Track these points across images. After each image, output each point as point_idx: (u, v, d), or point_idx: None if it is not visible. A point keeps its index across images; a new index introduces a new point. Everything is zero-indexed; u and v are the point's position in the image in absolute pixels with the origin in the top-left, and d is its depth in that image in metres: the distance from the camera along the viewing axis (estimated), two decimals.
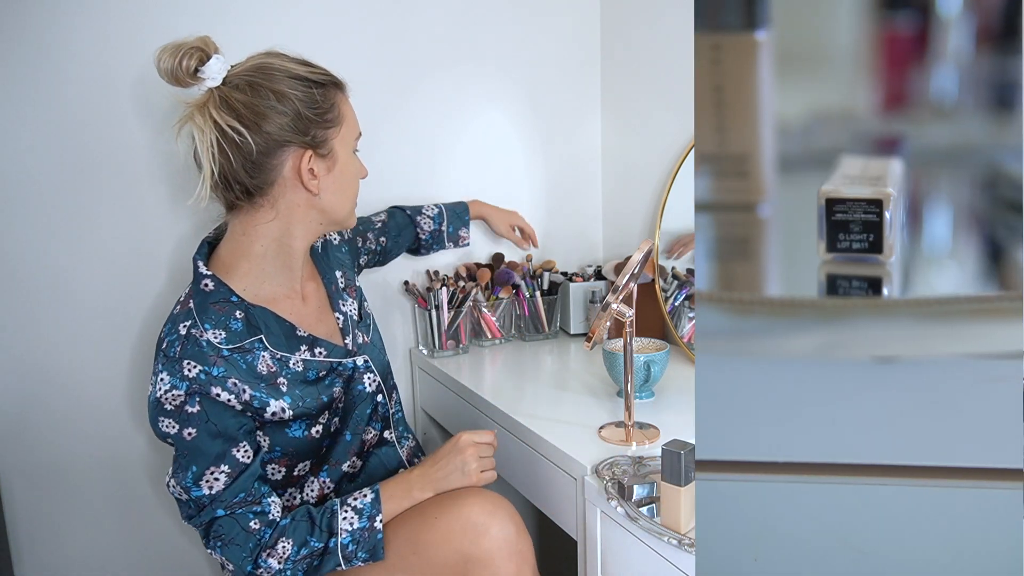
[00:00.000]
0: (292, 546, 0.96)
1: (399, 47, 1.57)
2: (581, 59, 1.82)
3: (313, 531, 0.97)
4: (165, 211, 1.37)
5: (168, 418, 0.94)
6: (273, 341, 1.01)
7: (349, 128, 1.02)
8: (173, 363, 0.94)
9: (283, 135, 0.96)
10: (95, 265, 1.34)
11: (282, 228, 1.02)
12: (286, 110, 0.96)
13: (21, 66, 1.24)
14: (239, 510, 0.96)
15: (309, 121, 0.97)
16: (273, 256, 1.04)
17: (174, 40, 0.95)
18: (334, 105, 1.00)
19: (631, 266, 1.03)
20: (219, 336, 0.97)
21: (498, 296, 1.65)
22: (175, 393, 0.93)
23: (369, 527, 0.98)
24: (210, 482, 0.95)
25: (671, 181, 1.55)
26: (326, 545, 0.97)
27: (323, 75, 1.01)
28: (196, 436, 0.94)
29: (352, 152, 1.04)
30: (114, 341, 1.37)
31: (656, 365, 1.25)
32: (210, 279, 1.00)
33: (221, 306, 0.99)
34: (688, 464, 0.84)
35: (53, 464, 1.35)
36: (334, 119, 1.00)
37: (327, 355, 1.07)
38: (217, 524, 0.96)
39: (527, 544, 1.00)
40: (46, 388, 1.32)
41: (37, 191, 1.27)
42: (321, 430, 1.07)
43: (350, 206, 1.06)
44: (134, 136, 1.32)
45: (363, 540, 0.98)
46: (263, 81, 0.96)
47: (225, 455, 0.95)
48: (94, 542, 1.40)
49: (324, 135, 0.99)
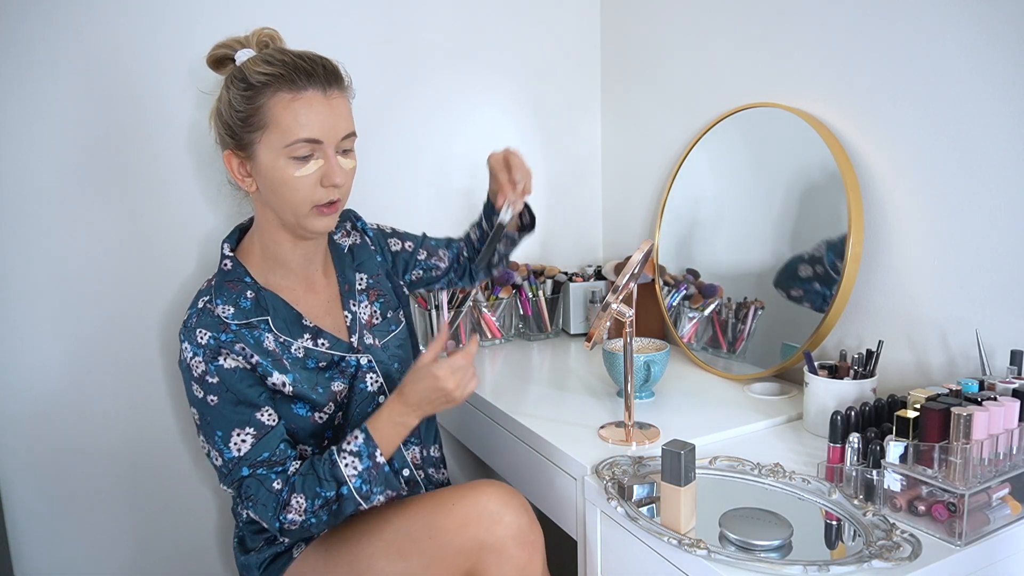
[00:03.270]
0: (306, 500, 0.99)
1: (399, 47, 1.57)
2: (581, 59, 1.82)
3: (320, 483, 1.00)
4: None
5: (196, 383, 1.01)
6: (278, 325, 1.06)
7: (278, 132, 0.97)
8: (190, 332, 1.01)
9: (221, 132, 1.03)
10: (95, 267, 1.34)
11: (262, 221, 1.08)
12: (221, 110, 1.02)
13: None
14: (261, 470, 1.00)
15: (232, 123, 1.00)
16: (270, 248, 1.09)
17: (233, 35, 1.05)
18: (260, 108, 0.97)
19: (631, 266, 1.03)
20: (228, 312, 1.04)
21: (498, 296, 1.65)
22: (197, 360, 1.00)
23: (373, 464, 1.00)
24: (238, 444, 1.00)
25: (671, 181, 1.55)
26: (338, 493, 0.99)
27: (269, 75, 0.97)
28: (218, 403, 1.00)
29: (280, 156, 0.98)
30: (114, 342, 1.37)
31: (656, 365, 1.24)
32: (230, 260, 1.09)
33: (235, 284, 1.06)
34: (688, 464, 0.84)
35: (53, 464, 1.35)
36: (257, 123, 0.97)
37: (329, 347, 1.10)
38: (245, 485, 1.00)
39: (538, 534, 1.02)
40: (46, 388, 1.32)
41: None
42: (324, 418, 1.09)
43: (291, 208, 1.01)
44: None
45: (374, 478, 1.00)
46: (227, 81, 1.02)
47: (250, 420, 1.01)
48: (94, 542, 1.40)
49: (248, 138, 0.99)
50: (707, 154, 1.48)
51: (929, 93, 1.09)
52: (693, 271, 1.50)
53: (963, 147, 1.06)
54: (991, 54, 1.01)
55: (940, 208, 1.10)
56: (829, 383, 1.10)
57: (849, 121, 1.22)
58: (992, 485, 0.83)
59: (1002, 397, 0.90)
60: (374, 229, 1.27)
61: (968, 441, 0.83)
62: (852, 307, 1.23)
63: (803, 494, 0.94)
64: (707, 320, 1.46)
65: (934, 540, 0.82)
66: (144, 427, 1.41)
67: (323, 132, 0.98)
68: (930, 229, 1.12)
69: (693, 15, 1.53)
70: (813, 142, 1.23)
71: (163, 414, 1.43)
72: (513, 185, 1.15)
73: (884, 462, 0.88)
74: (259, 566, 1.14)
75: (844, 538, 0.85)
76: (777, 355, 1.31)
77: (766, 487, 0.96)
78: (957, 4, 1.04)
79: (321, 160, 0.99)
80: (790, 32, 1.30)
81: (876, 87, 1.16)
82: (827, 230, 1.23)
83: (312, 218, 1.02)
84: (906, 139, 1.13)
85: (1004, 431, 0.85)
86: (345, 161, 1.03)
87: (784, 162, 1.32)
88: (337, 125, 0.99)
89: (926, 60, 1.09)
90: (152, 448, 1.42)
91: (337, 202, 1.03)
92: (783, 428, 1.17)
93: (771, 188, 1.35)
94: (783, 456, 1.06)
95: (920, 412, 0.89)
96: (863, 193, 1.20)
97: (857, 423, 0.97)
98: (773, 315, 1.34)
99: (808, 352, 1.17)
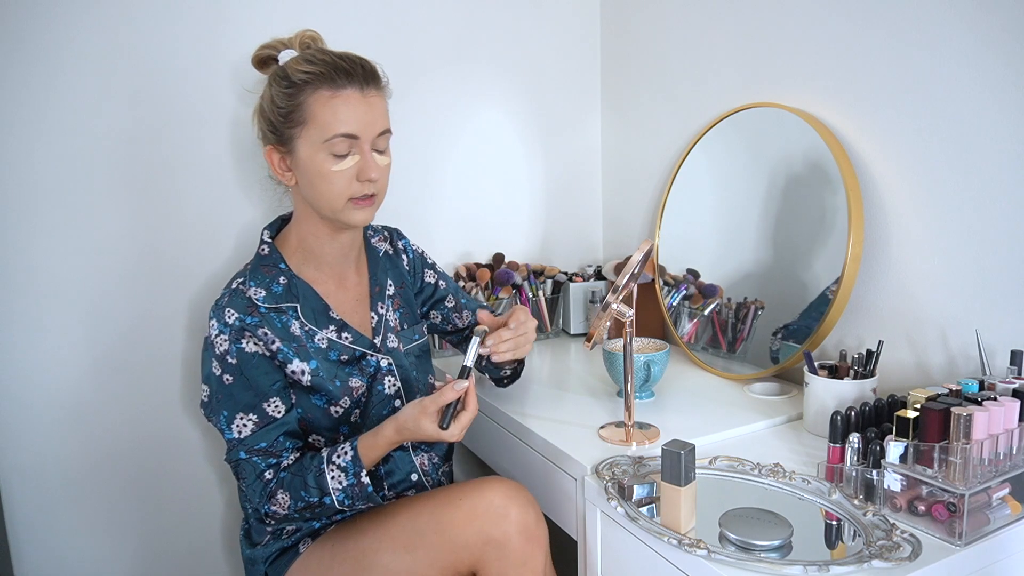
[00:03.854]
0: (290, 499, 1.03)
1: (398, 46, 1.57)
2: (581, 59, 1.82)
3: (306, 488, 1.03)
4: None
5: (215, 360, 1.05)
6: (306, 313, 1.10)
7: (316, 128, 1.01)
8: (220, 310, 1.06)
9: (264, 128, 1.08)
10: (93, 270, 1.34)
11: (300, 215, 1.12)
12: (263, 107, 1.07)
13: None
14: (256, 458, 1.04)
15: (273, 119, 1.05)
16: (307, 240, 1.13)
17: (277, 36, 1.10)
18: (301, 105, 1.02)
19: (631, 266, 1.03)
20: (259, 294, 1.07)
21: (498, 296, 1.65)
22: (222, 338, 1.04)
23: (357, 483, 1.03)
24: (239, 427, 1.04)
25: (671, 181, 1.55)
26: (320, 500, 1.03)
27: (310, 73, 1.01)
28: (232, 383, 1.04)
29: (318, 151, 1.02)
30: (115, 343, 1.37)
31: (656, 365, 1.24)
32: (267, 246, 1.13)
33: (270, 269, 1.11)
34: (688, 464, 0.84)
35: (53, 464, 1.35)
36: (298, 119, 1.02)
37: (352, 342, 1.13)
38: (240, 466, 1.05)
39: (543, 531, 1.03)
40: (46, 388, 1.32)
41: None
42: (340, 412, 1.12)
43: (327, 201, 1.05)
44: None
45: (356, 495, 1.03)
46: (270, 79, 1.07)
47: (255, 407, 1.05)
48: (94, 542, 1.40)
49: (289, 133, 1.04)
50: (707, 154, 1.48)
51: (929, 93, 1.09)
52: (693, 271, 1.50)
53: (963, 147, 1.06)
54: (991, 54, 1.01)
55: (940, 208, 1.10)
56: (829, 383, 1.10)
57: (849, 121, 1.22)
58: (992, 485, 0.83)
59: (1002, 397, 0.90)
60: (416, 251, 1.30)
61: (968, 441, 0.83)
62: (852, 307, 1.23)
63: (803, 494, 0.94)
64: (707, 320, 1.47)
65: (934, 540, 0.82)
66: (144, 427, 1.41)
67: (360, 128, 1.02)
68: (930, 229, 1.12)
69: (693, 15, 1.53)
70: (813, 142, 1.23)
71: (170, 412, 1.43)
72: (504, 327, 1.11)
73: (884, 462, 0.88)
74: (265, 560, 1.15)
75: (844, 538, 0.85)
76: (777, 355, 1.31)
77: (766, 487, 0.96)
78: (957, 4, 1.04)
79: (357, 156, 1.03)
80: (790, 32, 1.30)
81: (876, 87, 1.16)
82: (827, 230, 1.23)
83: (349, 211, 1.06)
84: (906, 139, 1.13)
85: (1004, 431, 0.85)
86: (380, 158, 1.07)
87: (784, 162, 1.32)
88: (374, 122, 1.04)
89: (926, 60, 1.09)
90: (155, 447, 1.42)
91: (373, 196, 1.07)
92: (783, 428, 1.17)
93: (771, 188, 1.35)
94: (783, 456, 1.06)
95: (920, 412, 0.89)
96: (863, 193, 1.20)
97: (857, 423, 0.97)
98: (773, 315, 1.34)
99: (808, 352, 1.17)
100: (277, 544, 1.15)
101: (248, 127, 1.31)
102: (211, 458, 1.48)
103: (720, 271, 1.46)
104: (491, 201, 1.74)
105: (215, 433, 1.47)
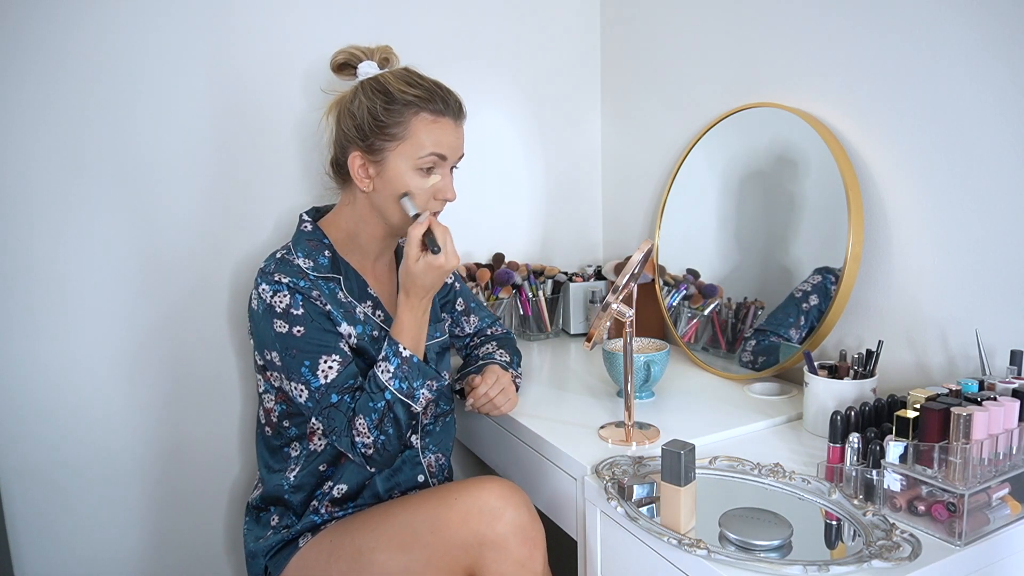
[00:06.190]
0: (364, 417, 1.05)
1: (398, 46, 1.56)
2: (581, 59, 1.82)
3: (371, 397, 1.06)
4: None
5: (279, 319, 1.07)
6: (348, 286, 1.16)
7: (413, 146, 1.09)
8: (268, 275, 1.10)
9: (351, 134, 1.12)
10: (91, 271, 1.34)
11: (357, 214, 1.17)
12: (354, 113, 1.11)
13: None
14: (347, 396, 1.07)
15: (369, 130, 1.10)
16: (357, 235, 1.18)
17: (357, 44, 1.17)
18: (402, 123, 1.09)
19: (631, 266, 1.03)
20: (308, 264, 1.13)
21: (498, 296, 1.65)
22: (281, 295, 1.08)
23: (402, 360, 1.07)
24: (325, 371, 1.07)
25: (671, 181, 1.55)
26: (385, 400, 1.05)
27: (415, 96, 1.09)
28: (306, 332, 1.07)
29: (410, 167, 1.10)
30: (114, 344, 1.37)
31: (656, 365, 1.24)
32: (309, 223, 1.19)
33: (314, 243, 1.16)
34: (688, 464, 0.84)
35: (53, 464, 1.34)
36: (396, 134, 1.09)
37: (383, 320, 1.18)
38: (331, 415, 1.06)
39: (539, 531, 1.03)
40: (46, 389, 1.32)
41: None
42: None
43: (399, 213, 1.12)
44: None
45: (407, 372, 1.07)
46: (364, 89, 1.12)
47: (335, 347, 1.09)
48: (94, 542, 1.40)
49: (381, 144, 1.10)
50: (707, 154, 1.48)
51: (929, 93, 1.09)
52: (693, 271, 1.50)
53: (963, 147, 1.06)
54: (991, 54, 1.01)
55: (940, 208, 1.10)
56: (829, 383, 1.10)
57: (849, 121, 1.22)
58: (992, 485, 0.83)
59: (1002, 397, 0.90)
60: None
61: (968, 441, 0.83)
62: (852, 307, 1.23)
63: (803, 494, 0.94)
64: (707, 320, 1.47)
65: (934, 540, 0.82)
66: (144, 427, 1.41)
67: (449, 151, 1.13)
68: (930, 229, 1.12)
69: (693, 15, 1.53)
70: (813, 142, 1.23)
71: (170, 412, 1.43)
72: (477, 387, 1.21)
73: (884, 462, 0.88)
74: (265, 553, 1.16)
75: (844, 538, 0.86)
76: (776, 355, 1.31)
77: (766, 487, 0.96)
78: (957, 4, 1.04)
79: (438, 176, 1.13)
80: (790, 32, 1.30)
81: (876, 87, 1.16)
82: (827, 230, 1.23)
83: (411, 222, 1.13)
84: (906, 139, 1.13)
85: (1004, 431, 0.85)
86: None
87: (784, 162, 1.32)
88: (460, 148, 1.16)
89: (926, 60, 1.09)
90: (155, 447, 1.42)
91: (438, 213, 1.15)
92: (783, 428, 1.17)
93: (771, 188, 1.35)
94: (783, 456, 1.06)
95: (920, 412, 0.89)
96: (863, 193, 1.20)
97: (857, 423, 0.97)
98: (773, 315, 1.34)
99: (808, 352, 1.17)
100: (278, 536, 1.16)
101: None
102: (212, 457, 1.48)
103: (720, 271, 1.46)
104: (491, 201, 1.74)
105: (215, 433, 1.47)
